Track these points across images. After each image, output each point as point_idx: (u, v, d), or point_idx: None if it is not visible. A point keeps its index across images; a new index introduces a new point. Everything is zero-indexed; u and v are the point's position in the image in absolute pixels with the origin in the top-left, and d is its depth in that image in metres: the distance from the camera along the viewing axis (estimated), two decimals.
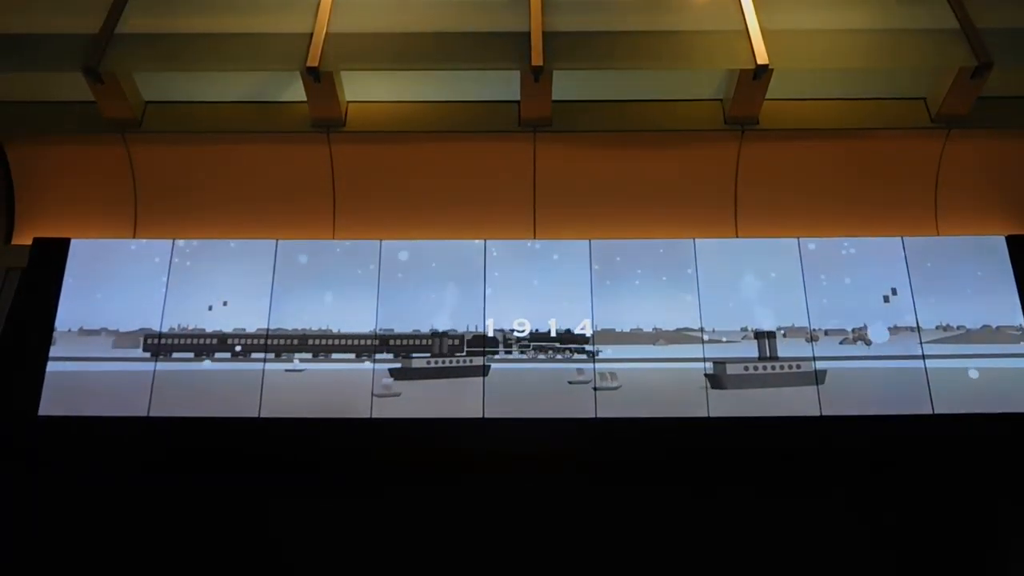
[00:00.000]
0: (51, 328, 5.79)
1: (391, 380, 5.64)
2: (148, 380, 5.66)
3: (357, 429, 5.53)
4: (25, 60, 5.95)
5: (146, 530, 5.46)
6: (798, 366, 5.26)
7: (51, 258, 5.98)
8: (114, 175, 6.30)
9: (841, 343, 5.68)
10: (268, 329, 5.79)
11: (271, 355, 5.70)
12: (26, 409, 5.56)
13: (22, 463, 5.56)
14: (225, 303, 5.88)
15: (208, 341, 5.74)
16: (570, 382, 5.55)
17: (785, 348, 5.62)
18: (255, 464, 5.58)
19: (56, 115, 6.29)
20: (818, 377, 5.41)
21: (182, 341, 5.75)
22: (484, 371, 5.55)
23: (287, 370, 5.63)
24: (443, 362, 5.60)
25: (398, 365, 5.62)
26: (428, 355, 5.65)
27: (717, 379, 5.22)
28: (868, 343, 5.64)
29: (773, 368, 5.12)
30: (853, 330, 5.73)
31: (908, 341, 5.67)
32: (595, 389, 5.49)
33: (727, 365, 5.15)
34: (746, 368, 5.10)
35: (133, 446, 5.56)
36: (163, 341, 5.75)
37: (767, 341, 5.24)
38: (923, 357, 5.65)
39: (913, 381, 5.58)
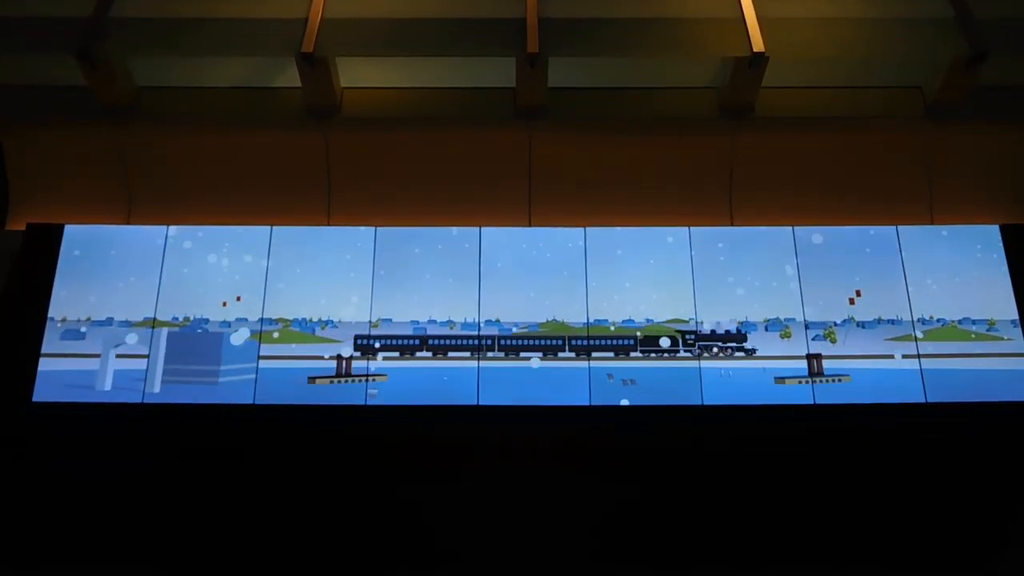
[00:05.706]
0: (45, 314, 5.77)
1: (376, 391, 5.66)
2: (142, 367, 5.65)
3: (353, 416, 5.55)
4: (17, 44, 5.93)
5: (141, 516, 5.45)
6: (839, 379, 5.71)
7: (45, 244, 5.96)
8: (108, 161, 6.28)
9: (813, 339, 5.78)
10: (262, 319, 5.79)
11: None
12: (19, 396, 5.55)
13: (15, 450, 5.53)
14: (239, 298, 5.85)
15: None
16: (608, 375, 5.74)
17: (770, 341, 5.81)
18: (252, 450, 5.59)
19: (49, 100, 6.27)
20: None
21: None
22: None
23: None
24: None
25: None
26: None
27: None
28: (834, 341, 5.77)
29: (821, 382, 5.70)
30: (831, 324, 5.82)
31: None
32: (623, 383, 5.69)
33: (786, 380, 5.72)
34: (800, 382, 5.69)
35: (127, 433, 5.54)
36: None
37: (815, 362, 5.72)
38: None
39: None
